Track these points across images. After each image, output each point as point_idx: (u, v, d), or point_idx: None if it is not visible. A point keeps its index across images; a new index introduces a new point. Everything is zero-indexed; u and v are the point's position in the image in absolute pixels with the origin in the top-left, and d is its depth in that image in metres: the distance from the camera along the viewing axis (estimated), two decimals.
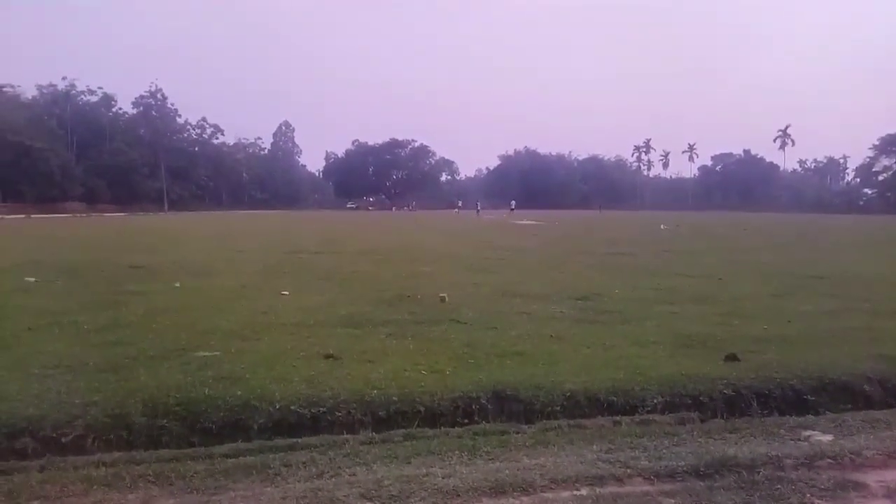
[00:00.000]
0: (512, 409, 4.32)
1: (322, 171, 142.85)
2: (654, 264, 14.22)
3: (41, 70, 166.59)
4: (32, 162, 74.24)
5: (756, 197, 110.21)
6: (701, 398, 4.59)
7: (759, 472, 3.20)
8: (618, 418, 4.22)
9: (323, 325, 6.71)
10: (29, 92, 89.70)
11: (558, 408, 4.38)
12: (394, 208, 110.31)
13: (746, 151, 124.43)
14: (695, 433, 3.91)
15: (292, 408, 4.10)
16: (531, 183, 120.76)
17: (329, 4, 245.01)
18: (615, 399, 4.51)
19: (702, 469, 3.23)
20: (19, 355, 5.28)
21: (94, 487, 2.97)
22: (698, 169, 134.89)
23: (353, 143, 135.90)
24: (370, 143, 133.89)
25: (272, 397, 4.19)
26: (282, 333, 6.27)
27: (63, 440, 3.70)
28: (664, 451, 3.56)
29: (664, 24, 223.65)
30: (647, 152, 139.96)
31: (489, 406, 4.31)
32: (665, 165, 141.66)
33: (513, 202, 75.24)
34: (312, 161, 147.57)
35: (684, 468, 3.24)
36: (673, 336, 6.33)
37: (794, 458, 3.41)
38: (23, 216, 59.36)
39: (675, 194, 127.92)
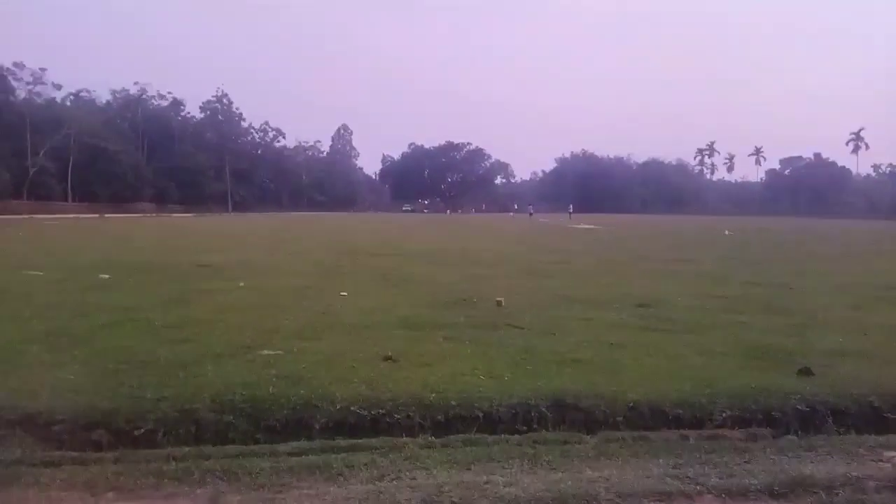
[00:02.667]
0: (572, 418, 4.23)
1: (378, 174, 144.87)
2: (718, 271, 13.73)
3: (115, 75, 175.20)
4: (106, 163, 78.20)
5: (827, 202, 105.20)
6: (773, 413, 4.38)
7: (837, 494, 3.02)
8: (685, 432, 4.07)
9: (381, 327, 6.77)
10: (104, 96, 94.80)
11: (621, 418, 4.27)
12: (448, 211, 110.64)
13: (817, 155, 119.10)
14: (767, 450, 3.73)
15: (352, 408, 4.14)
16: (588, 186, 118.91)
17: (386, 10, 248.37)
18: (681, 412, 4.36)
19: (776, 488, 3.07)
20: (95, 350, 5.54)
21: (165, 481, 3.08)
22: (765, 173, 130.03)
23: (409, 145, 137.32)
24: (426, 145, 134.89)
25: (333, 397, 4.24)
26: (341, 334, 6.36)
27: (135, 433, 3.85)
28: (735, 467, 3.41)
29: (730, 24, 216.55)
30: (710, 155, 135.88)
31: (549, 414, 4.23)
32: (730, 169, 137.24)
33: (570, 206, 74.20)
34: (369, 164, 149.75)
35: (757, 487, 3.09)
36: (741, 347, 6.08)
37: (877, 480, 3.21)
38: (97, 215, 62.64)
39: (740, 199, 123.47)
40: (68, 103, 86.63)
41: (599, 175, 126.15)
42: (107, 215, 63.71)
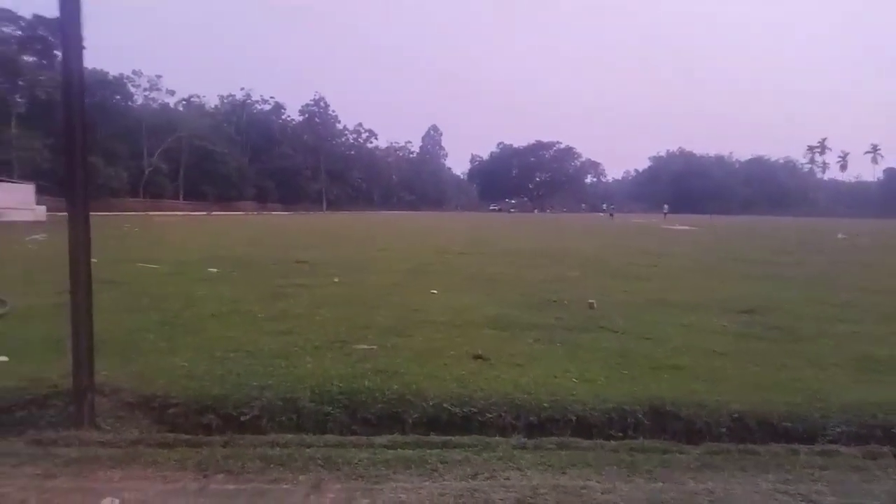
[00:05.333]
0: (671, 427, 4.07)
1: (467, 174, 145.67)
2: (830, 277, 12.75)
3: (222, 81, 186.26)
4: (214, 164, 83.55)
5: None
6: (894, 430, 4.03)
7: None
8: (795, 446, 3.80)
9: (471, 326, 6.79)
10: (212, 102, 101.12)
11: (724, 429, 4.05)
12: (536, 210, 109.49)
13: None
14: (889, 470, 3.43)
15: (445, 405, 4.17)
16: (685, 186, 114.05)
17: (476, 12, 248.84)
18: (790, 425, 4.08)
19: None
20: (205, 339, 5.89)
21: (271, 466, 3.22)
22: (883, 172, 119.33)
23: (497, 145, 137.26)
24: (514, 145, 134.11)
25: (426, 394, 4.30)
26: (432, 331, 6.43)
27: (242, 419, 4.06)
28: (853, 487, 3.16)
29: (846, 12, 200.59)
30: (821, 153, 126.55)
31: (646, 421, 4.09)
32: (843, 168, 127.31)
33: (665, 206, 71.40)
34: (458, 164, 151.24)
35: None
36: (856, 358, 5.62)
37: None
38: (204, 213, 66.91)
39: (854, 200, 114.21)
40: (180, 108, 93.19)
41: (697, 174, 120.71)
42: (213, 213, 67.87)
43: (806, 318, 7.65)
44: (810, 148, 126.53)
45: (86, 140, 3.95)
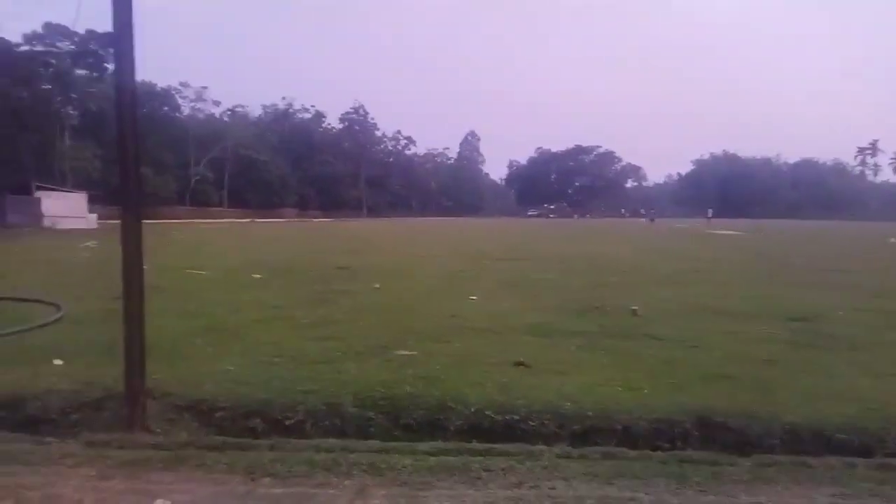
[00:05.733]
0: (721, 439, 3.95)
1: (504, 179, 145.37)
2: (884, 284, 12.25)
3: (265, 91, 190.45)
4: (257, 172, 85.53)
5: None
6: None
7: None
8: (851, 459, 3.65)
9: (511, 332, 6.75)
10: (255, 111, 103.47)
11: (776, 441, 3.92)
12: (576, 216, 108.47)
13: None
14: None
15: (486, 412, 4.15)
16: (730, 190, 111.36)
17: (513, 16, 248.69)
18: (846, 437, 3.92)
19: None
20: (250, 344, 6.00)
21: (316, 470, 3.26)
22: None
23: (535, 150, 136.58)
24: (553, 149, 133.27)
25: (467, 400, 4.28)
26: (472, 337, 6.42)
27: (287, 423, 4.12)
28: None
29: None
30: (873, 154, 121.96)
31: (694, 432, 3.99)
32: None
33: (710, 210, 69.77)
34: (496, 169, 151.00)
35: None
36: None
37: None
38: (247, 220, 68.43)
39: None
40: (225, 118, 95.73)
41: (743, 177, 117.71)
42: (256, 220, 69.35)
43: (859, 326, 7.36)
44: (861, 150, 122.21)
45: (139, 151, 4.09)
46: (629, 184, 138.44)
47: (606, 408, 4.19)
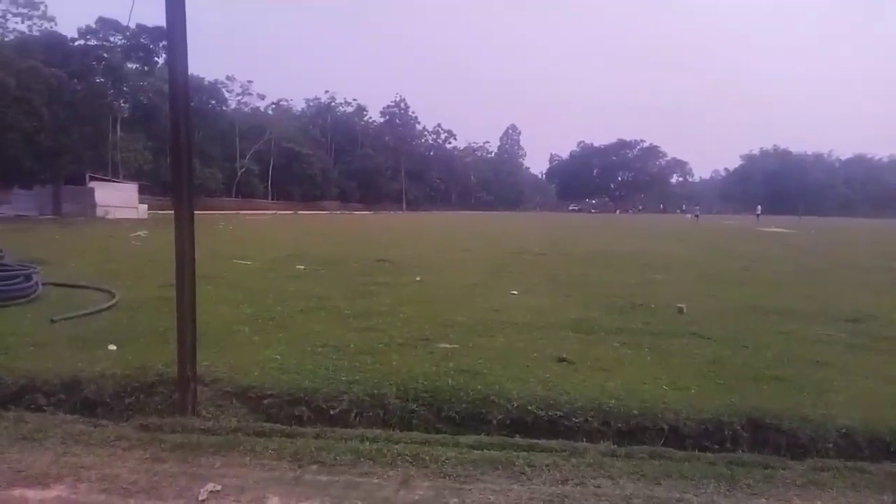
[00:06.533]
0: (772, 441, 3.84)
1: (545, 173, 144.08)
2: None
3: (309, 85, 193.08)
4: (300, 166, 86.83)
5: None
6: None
7: None
8: None
9: (553, 328, 6.68)
10: (298, 105, 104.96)
11: (830, 445, 3.79)
12: (618, 211, 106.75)
13: None
14: None
15: (529, 408, 4.12)
16: (780, 186, 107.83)
17: (557, 10, 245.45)
18: None
19: None
20: (295, 333, 6.10)
21: (361, 460, 3.29)
22: None
23: (577, 144, 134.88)
24: (595, 144, 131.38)
25: (510, 395, 4.26)
26: (514, 332, 6.38)
27: (331, 412, 4.17)
28: None
29: None
30: None
31: (745, 434, 3.88)
32: None
33: (758, 207, 67.68)
34: (536, 163, 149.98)
35: None
36: None
37: None
38: (291, 212, 69.57)
39: None
40: (270, 112, 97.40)
41: (793, 173, 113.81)
42: (300, 212, 70.48)
43: None
44: None
45: (191, 145, 4.18)
46: (674, 179, 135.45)
47: (652, 406, 4.11)
